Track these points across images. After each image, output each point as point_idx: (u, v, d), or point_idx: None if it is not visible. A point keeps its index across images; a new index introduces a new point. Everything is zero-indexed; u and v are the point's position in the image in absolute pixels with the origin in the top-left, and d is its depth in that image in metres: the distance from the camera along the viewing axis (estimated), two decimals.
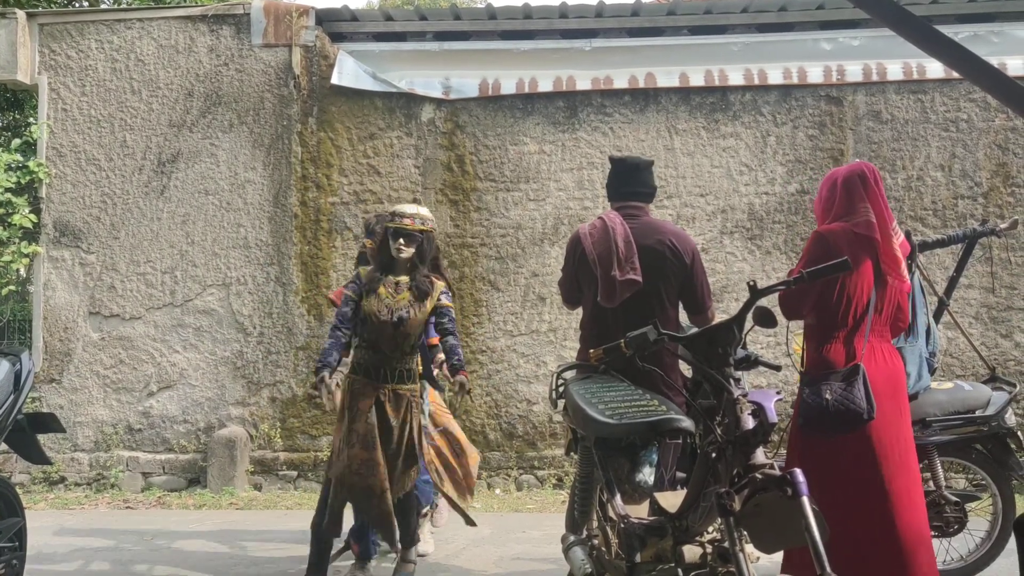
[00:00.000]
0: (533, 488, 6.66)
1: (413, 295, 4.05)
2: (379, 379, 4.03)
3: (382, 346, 4.02)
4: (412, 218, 4.03)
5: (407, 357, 4.09)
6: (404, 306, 4.02)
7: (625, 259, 3.42)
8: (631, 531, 2.55)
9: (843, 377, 3.00)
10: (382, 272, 4.11)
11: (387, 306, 4.01)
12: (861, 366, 3.00)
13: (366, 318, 4.04)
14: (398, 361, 4.06)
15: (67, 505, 6.38)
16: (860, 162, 3.37)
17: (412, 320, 4.01)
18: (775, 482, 2.08)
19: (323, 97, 6.96)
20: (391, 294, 4.05)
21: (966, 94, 6.71)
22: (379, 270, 4.13)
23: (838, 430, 2.97)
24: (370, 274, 4.13)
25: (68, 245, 6.99)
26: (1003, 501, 4.04)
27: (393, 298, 4.04)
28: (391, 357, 4.04)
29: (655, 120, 6.86)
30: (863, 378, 2.97)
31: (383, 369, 4.04)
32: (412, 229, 4.02)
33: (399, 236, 4.02)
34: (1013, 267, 6.62)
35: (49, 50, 7.11)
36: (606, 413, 2.72)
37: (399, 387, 4.06)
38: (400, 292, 4.07)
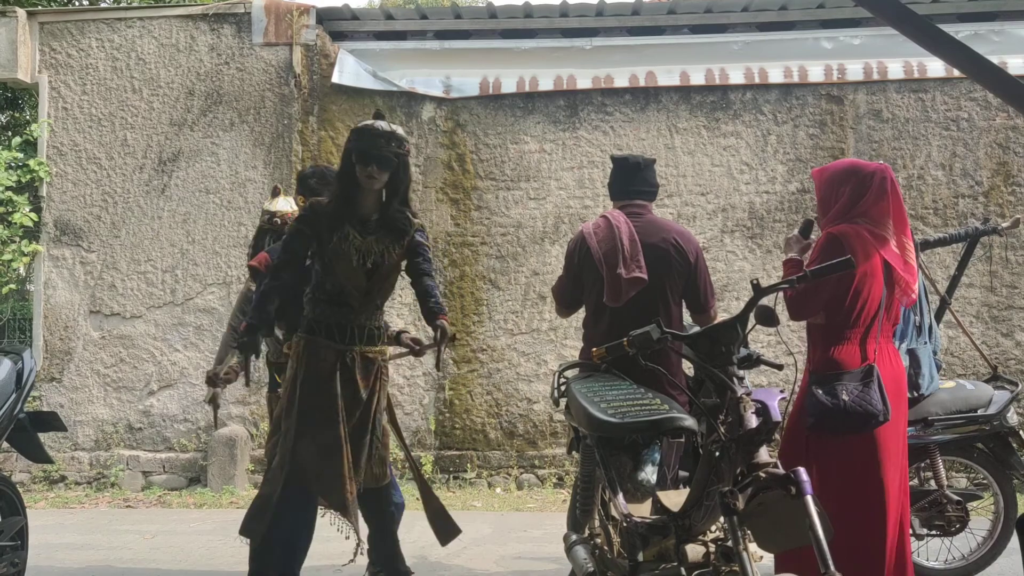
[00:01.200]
0: (534, 487, 6.66)
1: (385, 234, 3.31)
2: (344, 339, 3.27)
3: (350, 299, 3.28)
4: (387, 137, 3.21)
5: (378, 312, 3.39)
6: (376, 249, 3.27)
7: (631, 257, 3.42)
8: (633, 530, 2.54)
9: (859, 378, 2.99)
10: (344, 206, 3.27)
11: (356, 249, 3.24)
12: (875, 367, 3.00)
13: (331, 263, 3.25)
14: (368, 317, 3.32)
15: (67, 504, 6.38)
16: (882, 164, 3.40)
17: (388, 265, 3.31)
18: (779, 481, 2.08)
19: (324, 96, 6.95)
20: (358, 234, 3.26)
21: (967, 93, 6.70)
22: (341, 202, 3.28)
23: (851, 430, 2.97)
24: (328, 209, 3.28)
25: (69, 244, 6.99)
26: (1005, 500, 4.03)
27: (362, 239, 3.26)
28: (360, 311, 3.30)
29: (656, 119, 6.86)
30: (878, 379, 2.97)
31: (350, 327, 3.28)
32: (388, 152, 3.20)
33: (371, 160, 3.19)
34: (1014, 266, 6.62)
35: (50, 48, 7.10)
36: (608, 412, 2.72)
37: (369, 349, 3.32)
38: (369, 232, 3.29)
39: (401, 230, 3.32)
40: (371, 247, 3.26)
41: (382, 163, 3.20)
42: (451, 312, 6.78)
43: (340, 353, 3.26)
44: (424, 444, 6.78)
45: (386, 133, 3.21)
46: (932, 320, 4.01)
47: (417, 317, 6.82)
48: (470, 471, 6.71)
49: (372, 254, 3.26)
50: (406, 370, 6.81)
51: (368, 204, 3.31)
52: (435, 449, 6.78)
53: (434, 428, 6.79)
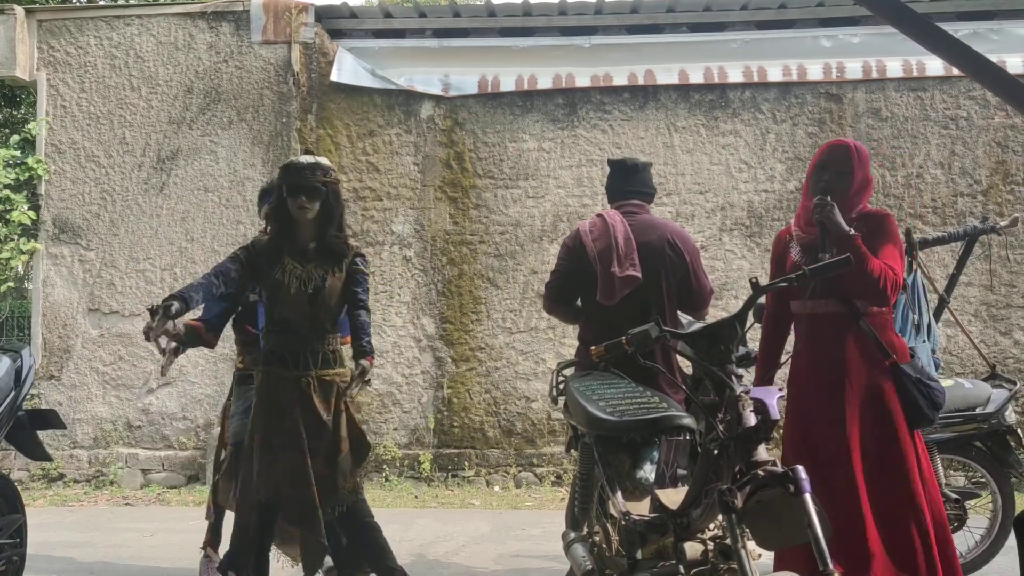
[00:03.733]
0: (532, 485, 6.66)
1: (324, 261, 3.42)
2: (299, 366, 3.36)
3: (297, 326, 3.37)
4: (312, 169, 3.36)
5: (329, 336, 3.44)
6: (317, 275, 3.38)
7: (624, 255, 3.43)
8: (632, 528, 2.55)
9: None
10: (282, 239, 3.42)
11: (296, 277, 3.37)
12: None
13: (274, 293, 3.38)
14: (318, 342, 3.39)
15: (66, 502, 6.38)
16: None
17: (331, 289, 3.39)
18: (777, 479, 2.08)
19: (322, 94, 6.95)
20: (298, 263, 3.40)
21: (966, 92, 6.71)
22: (279, 235, 3.42)
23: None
24: (267, 244, 3.42)
25: (67, 242, 6.98)
26: (1003, 499, 4.04)
27: (302, 267, 3.39)
28: (309, 338, 3.38)
29: (654, 117, 6.86)
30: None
31: (302, 354, 3.36)
32: (314, 182, 3.34)
33: (299, 192, 3.33)
34: (1012, 265, 6.62)
35: (48, 46, 7.09)
36: (607, 410, 2.73)
37: (324, 373, 3.39)
38: (309, 260, 3.41)
39: (339, 255, 3.44)
40: (311, 274, 3.38)
41: (310, 193, 3.34)
42: (450, 310, 6.79)
43: (297, 380, 3.35)
44: (423, 442, 6.79)
45: (310, 165, 3.37)
46: (931, 318, 4.02)
47: (415, 315, 6.82)
48: (468, 469, 6.71)
49: (313, 280, 3.37)
50: (404, 368, 6.81)
51: (305, 234, 3.43)
52: (433, 447, 6.78)
53: (432, 426, 6.79)
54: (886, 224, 3.13)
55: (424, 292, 6.84)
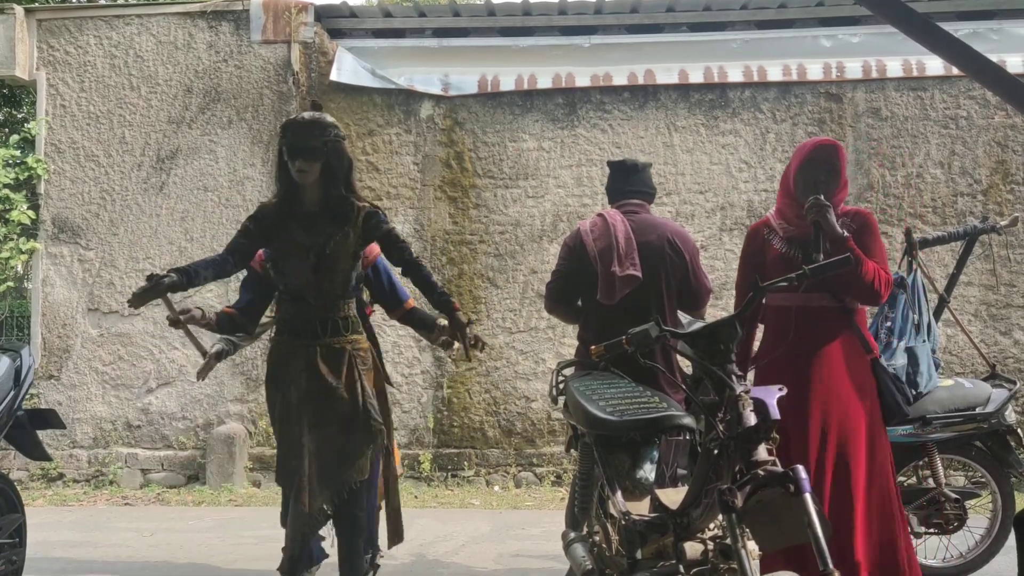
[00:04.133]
0: (532, 485, 6.66)
1: (329, 223, 3.22)
2: (308, 335, 3.24)
3: (304, 293, 3.25)
4: (309, 127, 3.14)
5: (340, 303, 3.29)
6: (321, 240, 3.19)
7: (625, 255, 3.43)
8: (632, 528, 2.55)
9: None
10: (286, 204, 3.25)
11: (299, 244, 3.20)
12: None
13: (278, 262, 3.25)
14: (328, 309, 3.26)
15: (66, 502, 6.38)
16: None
17: (335, 254, 3.20)
18: (777, 479, 2.08)
19: (322, 94, 6.94)
20: (302, 229, 3.22)
21: (966, 91, 6.70)
22: (283, 202, 3.26)
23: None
24: (272, 209, 3.27)
25: (67, 241, 6.98)
26: (1003, 499, 4.04)
27: (306, 233, 3.21)
28: (318, 306, 3.25)
29: (654, 117, 6.85)
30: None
31: (312, 323, 3.24)
32: (313, 143, 3.12)
33: (297, 154, 3.12)
34: (1013, 265, 6.62)
35: (47, 46, 7.09)
36: (607, 410, 2.72)
37: (335, 340, 3.25)
38: (313, 225, 3.22)
39: (344, 217, 3.21)
40: (314, 240, 3.20)
41: (309, 154, 3.12)
42: None
43: (305, 348, 3.24)
44: (422, 442, 6.78)
45: (308, 123, 3.15)
46: (931, 318, 4.01)
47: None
48: (468, 469, 6.71)
49: (316, 247, 3.19)
50: (404, 368, 6.81)
51: (309, 198, 3.24)
52: (433, 447, 6.78)
53: (432, 426, 6.78)
54: (871, 222, 3.22)
55: None
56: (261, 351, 6.82)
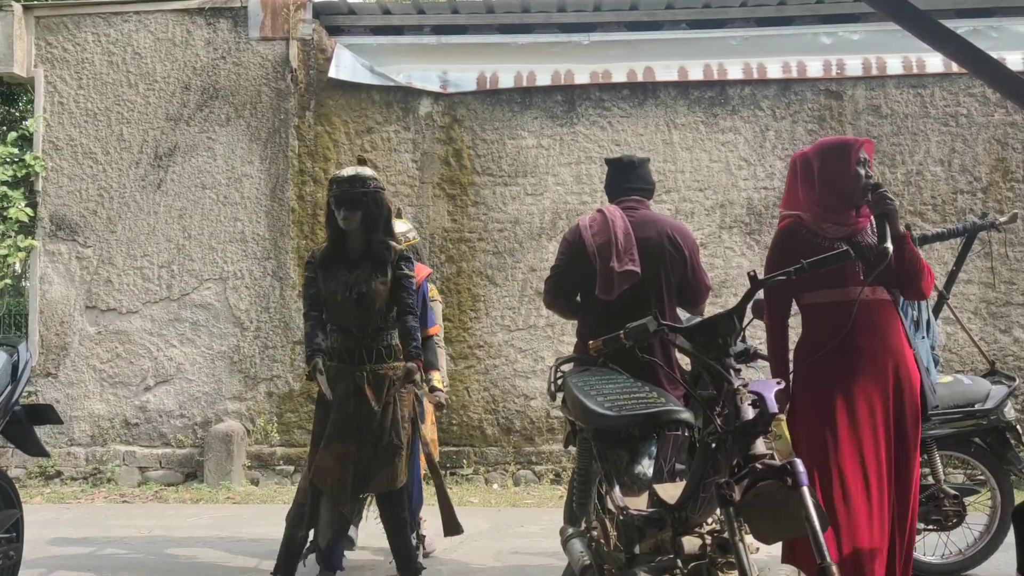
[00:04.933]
0: (531, 483, 6.65)
1: (370, 266, 3.71)
2: (354, 361, 3.71)
3: (349, 327, 3.72)
4: (351, 181, 3.65)
5: (381, 333, 3.75)
6: (362, 280, 3.67)
7: (624, 250, 3.43)
8: (630, 523, 2.54)
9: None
10: (335, 248, 3.78)
11: (343, 283, 3.68)
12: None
13: (327, 301, 3.73)
14: (371, 339, 3.72)
15: (63, 499, 6.37)
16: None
17: (373, 294, 3.67)
18: (775, 472, 2.07)
19: (320, 91, 6.93)
20: (347, 270, 3.71)
21: (966, 89, 6.70)
22: (331, 247, 3.80)
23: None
24: (323, 253, 3.83)
25: (64, 239, 6.97)
26: (1002, 495, 4.03)
27: (350, 274, 3.70)
28: (362, 337, 3.71)
29: (654, 114, 6.85)
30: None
31: (357, 351, 3.71)
32: (353, 194, 3.62)
33: (341, 205, 3.64)
34: (1012, 262, 6.62)
35: (45, 43, 7.08)
36: (605, 405, 2.71)
37: (379, 367, 3.72)
38: (356, 266, 3.71)
39: (382, 260, 3.71)
40: (356, 280, 3.68)
41: (350, 205, 3.63)
42: (448, 308, 6.76)
43: (352, 373, 3.69)
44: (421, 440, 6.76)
45: (349, 178, 3.65)
46: (930, 315, 4.00)
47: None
48: (467, 467, 6.70)
49: (358, 286, 3.66)
50: None
51: (353, 242, 3.74)
52: None
53: None
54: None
55: None
56: (258, 349, 6.82)
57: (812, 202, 3.16)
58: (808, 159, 3.18)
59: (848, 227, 3.12)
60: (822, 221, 3.13)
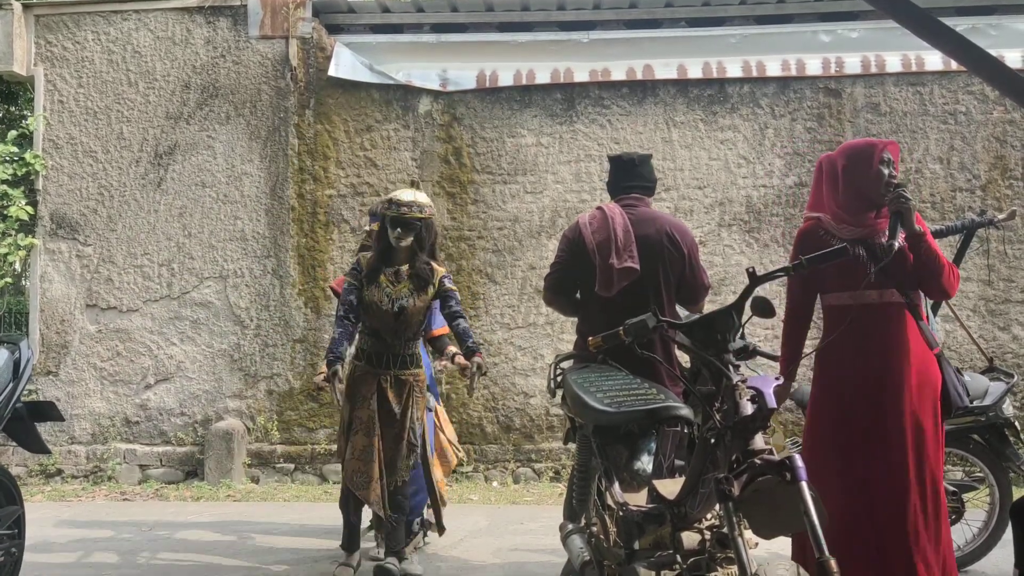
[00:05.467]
0: (530, 481, 6.66)
1: (413, 283, 4.08)
2: (381, 365, 4.08)
3: (384, 334, 4.08)
4: (409, 206, 4.00)
5: (410, 343, 4.14)
6: (404, 295, 4.05)
7: (623, 247, 3.44)
8: (629, 518, 2.55)
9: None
10: (381, 260, 4.12)
11: (387, 295, 4.04)
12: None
13: (368, 307, 4.06)
14: (400, 347, 4.10)
15: (64, 497, 6.38)
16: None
17: (412, 309, 4.05)
18: (774, 467, 2.08)
19: (320, 89, 6.94)
20: (391, 283, 4.07)
21: (964, 86, 6.70)
22: (379, 259, 4.13)
23: None
24: (370, 262, 4.14)
25: (65, 237, 6.97)
26: (1000, 491, 4.05)
27: (393, 287, 4.06)
28: (393, 344, 4.09)
29: (653, 112, 6.85)
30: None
31: (385, 355, 4.09)
32: (410, 217, 4.00)
33: (397, 225, 4.01)
34: (1011, 260, 6.63)
35: (45, 41, 7.08)
36: (604, 402, 2.72)
37: (401, 373, 4.10)
38: (400, 281, 4.09)
39: (426, 280, 4.09)
40: (399, 293, 4.05)
41: (406, 227, 4.01)
42: None
43: (377, 376, 4.07)
44: None
45: (408, 203, 4.00)
46: (929, 313, 4.01)
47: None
48: (467, 465, 6.71)
49: (400, 299, 4.03)
50: None
51: (400, 258, 4.11)
52: None
53: None
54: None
55: None
56: (259, 347, 6.83)
57: (833, 203, 3.22)
58: (833, 160, 3.25)
59: (865, 228, 3.16)
60: (840, 222, 3.19)
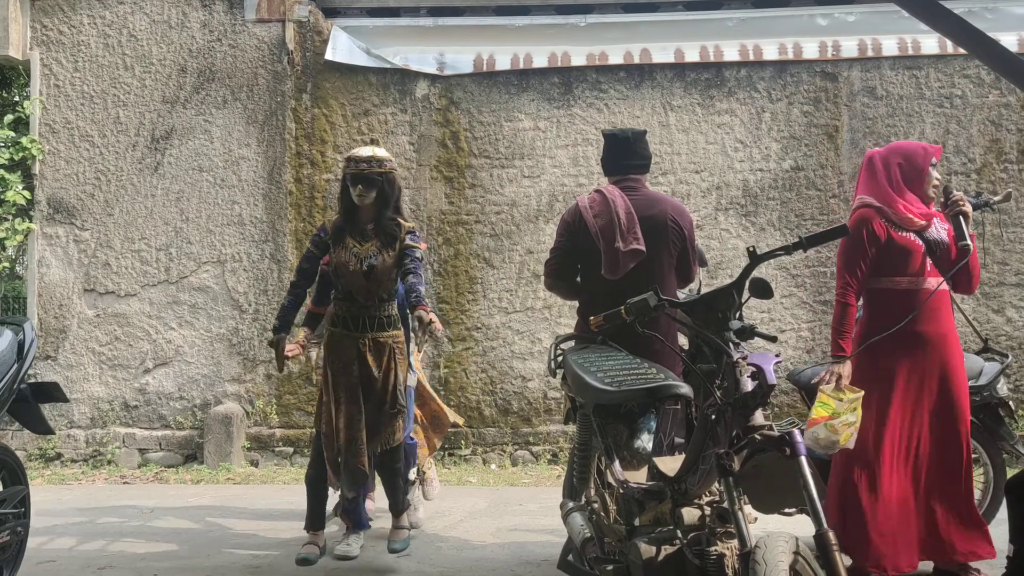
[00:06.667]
0: (528, 463, 6.71)
1: (380, 241, 3.97)
2: (358, 329, 3.99)
3: (356, 295, 3.98)
4: (368, 161, 3.89)
5: (384, 304, 4.04)
6: (372, 253, 3.94)
7: (628, 230, 3.47)
8: (630, 495, 2.59)
9: None
10: (346, 221, 4.03)
11: (355, 255, 3.94)
12: None
13: (337, 270, 3.98)
14: (375, 309, 4.01)
15: (64, 481, 6.41)
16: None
17: (382, 267, 3.95)
18: (774, 443, 2.12)
19: (317, 73, 6.93)
20: (358, 243, 3.97)
21: (960, 70, 6.72)
22: (343, 219, 4.04)
23: None
24: (335, 224, 4.06)
25: (62, 222, 6.97)
26: (994, 470, 4.09)
27: (360, 246, 3.96)
28: (367, 306, 3.99)
29: (650, 96, 6.86)
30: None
31: (361, 318, 3.99)
32: (369, 173, 3.88)
33: (357, 182, 3.90)
34: (1005, 243, 6.67)
35: (41, 25, 7.05)
36: (605, 381, 2.75)
37: (379, 335, 4.01)
38: (367, 240, 3.98)
39: (392, 236, 3.97)
40: (367, 252, 3.94)
41: (366, 183, 3.89)
42: (446, 290, 6.80)
43: (356, 340, 3.97)
44: None
45: (367, 158, 3.90)
46: None
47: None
48: (465, 448, 6.75)
49: (368, 258, 3.92)
50: None
51: (365, 216, 4.00)
52: None
53: None
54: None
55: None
56: (257, 331, 6.85)
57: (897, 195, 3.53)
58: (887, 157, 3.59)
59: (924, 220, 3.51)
60: (903, 212, 3.49)
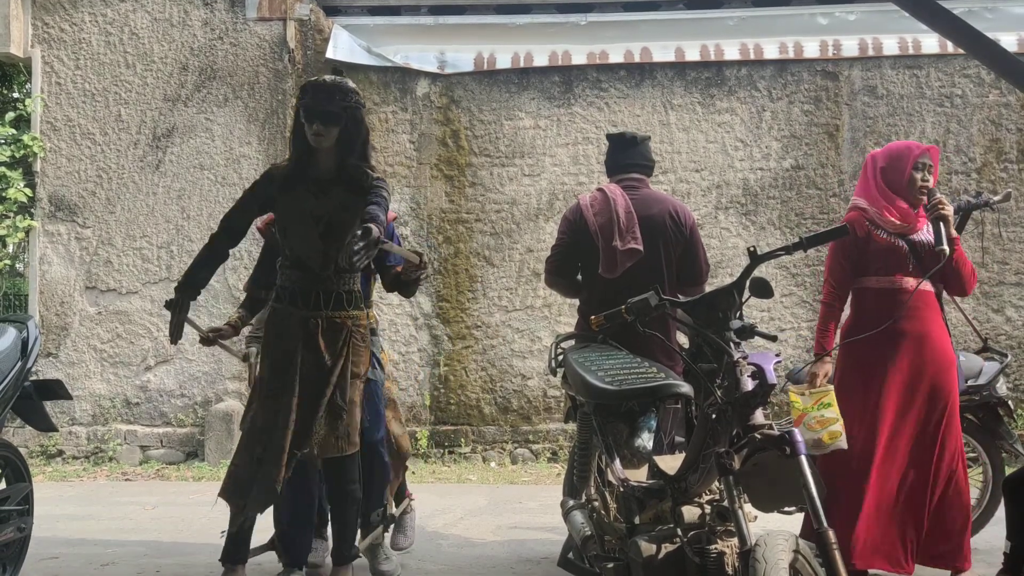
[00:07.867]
0: (528, 462, 6.72)
1: (342, 192, 3.12)
2: (309, 305, 3.12)
3: (309, 262, 3.13)
4: (329, 91, 3.05)
5: (344, 275, 3.16)
6: (332, 209, 3.10)
7: (626, 229, 3.47)
8: (630, 494, 2.60)
9: None
10: (299, 167, 3.16)
11: (308, 211, 3.09)
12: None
13: (285, 229, 3.16)
14: (333, 281, 3.14)
15: (66, 478, 6.42)
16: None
17: (344, 224, 3.10)
18: (774, 442, 2.13)
19: (318, 71, 6.90)
20: (313, 195, 3.11)
21: (961, 70, 6.73)
22: (295, 165, 3.17)
23: None
24: (284, 170, 3.18)
25: (64, 219, 6.98)
26: (993, 470, 4.10)
27: (316, 200, 3.10)
28: (322, 276, 3.13)
29: (651, 95, 6.87)
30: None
31: (313, 292, 3.13)
32: (330, 107, 3.04)
33: (314, 117, 3.04)
34: (1005, 242, 6.68)
35: (42, 23, 7.05)
36: (605, 380, 2.76)
37: (336, 314, 3.14)
38: (325, 192, 3.12)
39: (357, 186, 3.10)
40: (325, 208, 3.10)
41: (327, 119, 3.04)
42: (446, 289, 6.81)
43: (304, 319, 3.12)
44: (419, 419, 6.84)
45: (329, 86, 3.06)
46: None
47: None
48: (464, 446, 6.77)
49: (325, 215, 3.09)
50: (401, 347, 6.85)
51: (324, 164, 3.15)
52: (430, 424, 6.83)
53: (429, 403, 6.84)
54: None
55: None
56: None
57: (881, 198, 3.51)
58: (876, 158, 3.58)
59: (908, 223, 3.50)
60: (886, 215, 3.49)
